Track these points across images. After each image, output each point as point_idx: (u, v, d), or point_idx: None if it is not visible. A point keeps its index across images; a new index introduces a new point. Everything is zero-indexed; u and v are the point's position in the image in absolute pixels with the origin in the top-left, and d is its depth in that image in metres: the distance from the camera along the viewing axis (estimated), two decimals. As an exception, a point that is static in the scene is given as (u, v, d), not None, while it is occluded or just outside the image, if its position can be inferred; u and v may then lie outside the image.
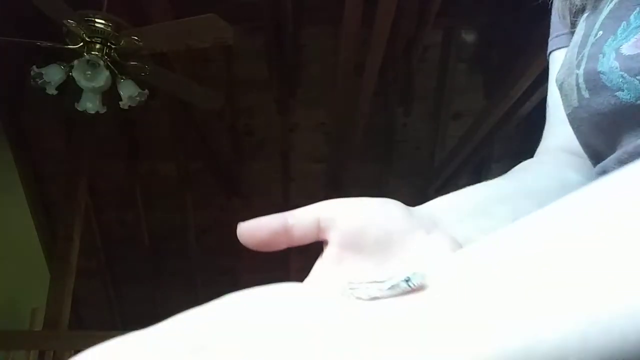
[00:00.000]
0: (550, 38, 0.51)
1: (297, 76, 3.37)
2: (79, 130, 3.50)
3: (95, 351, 0.19)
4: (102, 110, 2.40)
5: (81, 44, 2.24)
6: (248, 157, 3.82)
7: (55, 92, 2.32)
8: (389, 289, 0.22)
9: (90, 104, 2.34)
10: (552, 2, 0.47)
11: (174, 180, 3.84)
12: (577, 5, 0.43)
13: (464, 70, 3.44)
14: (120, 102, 2.39)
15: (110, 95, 2.39)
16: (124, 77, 2.36)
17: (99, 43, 2.23)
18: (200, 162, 3.82)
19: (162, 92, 2.64)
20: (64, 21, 2.11)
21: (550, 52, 0.51)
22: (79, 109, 2.37)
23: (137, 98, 2.39)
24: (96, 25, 2.20)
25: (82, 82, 2.24)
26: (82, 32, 2.19)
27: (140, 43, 2.21)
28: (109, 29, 2.22)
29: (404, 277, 0.21)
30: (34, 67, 2.27)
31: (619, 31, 0.36)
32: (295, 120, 3.63)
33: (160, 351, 0.19)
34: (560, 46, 0.50)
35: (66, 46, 2.27)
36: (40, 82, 2.27)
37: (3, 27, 2.52)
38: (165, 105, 3.34)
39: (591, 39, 0.39)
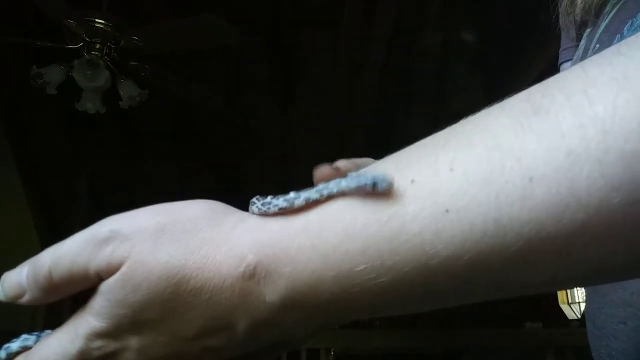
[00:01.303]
0: (560, 50, 0.53)
1: (297, 76, 3.37)
2: (79, 130, 3.50)
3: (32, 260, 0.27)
4: (102, 110, 2.39)
5: (81, 44, 2.23)
6: (248, 157, 3.82)
7: (55, 92, 2.32)
8: (356, 187, 0.23)
9: (90, 104, 2.34)
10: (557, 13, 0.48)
11: (174, 180, 3.84)
12: (577, 21, 0.44)
13: (464, 70, 3.43)
14: (120, 102, 2.39)
15: (110, 95, 2.39)
16: (124, 77, 2.36)
17: (99, 43, 2.22)
18: (200, 162, 3.82)
19: (162, 92, 2.64)
20: (64, 21, 2.10)
21: (560, 64, 0.53)
22: (79, 109, 2.37)
23: (137, 98, 2.39)
24: (96, 25, 2.20)
25: (82, 82, 2.24)
26: (82, 32, 2.19)
27: (140, 43, 2.21)
28: (109, 29, 2.22)
29: (371, 180, 0.23)
30: (34, 67, 2.27)
31: (614, 44, 0.36)
32: (295, 120, 3.63)
33: (67, 249, 0.26)
34: (568, 59, 0.51)
35: (66, 46, 2.27)
36: (40, 82, 2.27)
37: (3, 27, 2.52)
38: (165, 105, 3.33)
39: (590, 53, 0.40)
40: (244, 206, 0.29)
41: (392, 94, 3.53)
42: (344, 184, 0.24)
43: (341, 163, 0.34)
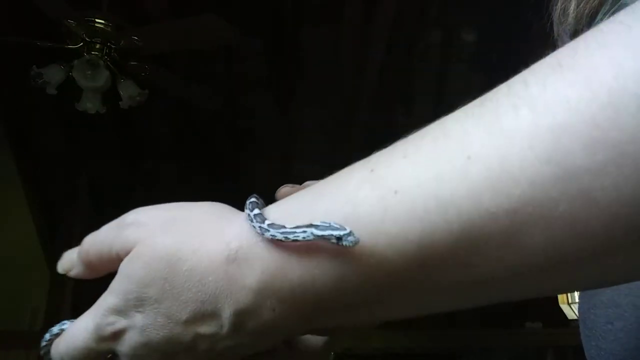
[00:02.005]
0: None
1: (297, 76, 3.37)
2: (79, 130, 3.50)
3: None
4: (102, 110, 2.39)
5: (81, 44, 2.23)
6: (248, 157, 3.82)
7: (55, 92, 2.32)
8: (321, 237, 0.25)
9: (90, 104, 2.34)
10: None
11: (174, 180, 3.84)
12: (571, 31, 0.44)
13: (464, 70, 3.43)
14: (120, 102, 2.39)
15: (110, 95, 2.39)
16: (124, 77, 2.36)
17: (99, 43, 2.22)
18: (200, 162, 3.82)
19: (162, 92, 2.64)
20: (64, 21, 2.10)
21: None
22: (79, 109, 2.36)
23: (137, 98, 2.39)
24: (96, 25, 2.20)
25: (82, 82, 2.24)
26: (82, 32, 2.19)
27: (140, 43, 2.21)
28: (109, 29, 2.22)
29: (337, 234, 0.24)
30: (34, 67, 2.27)
31: None
32: (295, 120, 3.63)
33: (101, 231, 0.31)
34: None
35: (66, 46, 2.27)
36: (40, 82, 2.27)
37: (3, 27, 2.52)
38: (165, 105, 3.34)
39: None
40: (243, 207, 0.30)
41: (392, 94, 3.53)
42: (315, 231, 0.25)
43: (308, 183, 0.37)
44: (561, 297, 3.59)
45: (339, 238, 0.24)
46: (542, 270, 0.22)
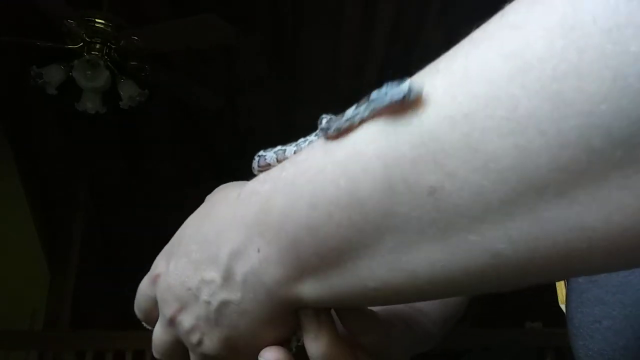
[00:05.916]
0: None
1: (297, 76, 3.37)
2: (79, 130, 3.50)
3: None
4: (102, 110, 2.39)
5: (81, 44, 2.24)
6: (248, 157, 3.81)
7: (55, 92, 2.32)
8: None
9: (90, 104, 2.34)
10: None
11: (174, 180, 3.84)
12: None
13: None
14: (120, 102, 2.39)
15: (110, 95, 2.39)
16: (124, 77, 2.36)
17: (99, 43, 2.23)
18: (200, 162, 3.82)
19: (162, 92, 2.64)
20: (64, 21, 2.11)
21: None
22: (79, 109, 2.37)
23: (137, 98, 2.39)
24: (96, 25, 2.20)
25: (82, 82, 2.24)
26: (82, 32, 2.19)
27: (140, 43, 2.21)
28: (109, 29, 2.22)
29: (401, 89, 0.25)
30: (34, 67, 2.27)
31: None
32: (296, 120, 3.63)
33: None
34: None
35: (66, 46, 2.27)
36: (40, 82, 2.27)
37: (3, 27, 2.52)
38: (165, 105, 3.34)
39: None
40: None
41: (392, 94, 3.53)
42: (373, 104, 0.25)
43: None
44: (561, 297, 3.59)
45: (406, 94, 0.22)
46: (518, 199, 0.18)
